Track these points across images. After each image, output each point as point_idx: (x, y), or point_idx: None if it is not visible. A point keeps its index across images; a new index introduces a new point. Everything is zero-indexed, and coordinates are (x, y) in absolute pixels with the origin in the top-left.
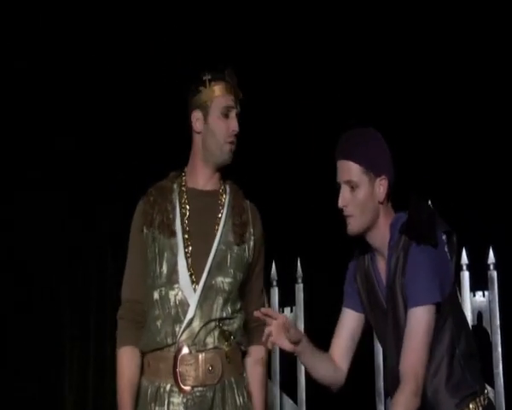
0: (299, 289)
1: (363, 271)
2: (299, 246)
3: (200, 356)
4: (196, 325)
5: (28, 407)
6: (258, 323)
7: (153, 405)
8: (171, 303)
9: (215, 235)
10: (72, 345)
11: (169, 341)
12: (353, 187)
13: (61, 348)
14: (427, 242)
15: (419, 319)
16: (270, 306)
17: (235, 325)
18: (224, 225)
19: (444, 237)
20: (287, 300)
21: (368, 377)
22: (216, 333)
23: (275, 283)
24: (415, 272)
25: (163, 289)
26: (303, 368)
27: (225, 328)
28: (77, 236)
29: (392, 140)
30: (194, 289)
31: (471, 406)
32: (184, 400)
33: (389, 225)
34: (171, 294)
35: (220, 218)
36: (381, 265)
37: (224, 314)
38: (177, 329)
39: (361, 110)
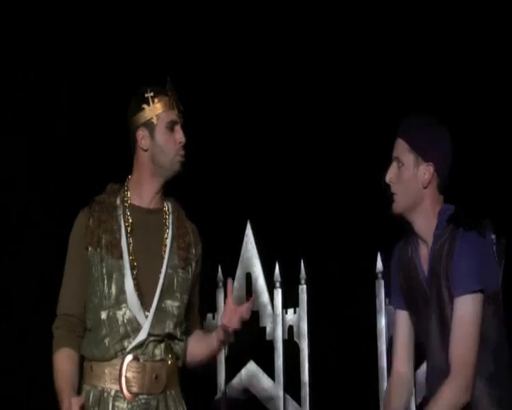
0: (303, 290)
1: (406, 260)
2: (303, 247)
3: (147, 365)
4: (147, 342)
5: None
6: (196, 328)
7: (96, 409)
8: (119, 322)
9: (162, 257)
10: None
11: (118, 354)
12: (400, 165)
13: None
14: (475, 229)
15: (466, 308)
16: (273, 307)
17: (180, 346)
18: (170, 248)
19: (493, 237)
20: (290, 301)
21: (371, 378)
22: (163, 346)
23: (278, 284)
24: (462, 260)
25: (111, 309)
26: (306, 369)
27: (171, 344)
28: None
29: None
30: (145, 313)
31: None
32: (129, 406)
33: (437, 213)
34: (119, 314)
35: (166, 239)
36: (424, 252)
37: (174, 335)
38: (125, 344)
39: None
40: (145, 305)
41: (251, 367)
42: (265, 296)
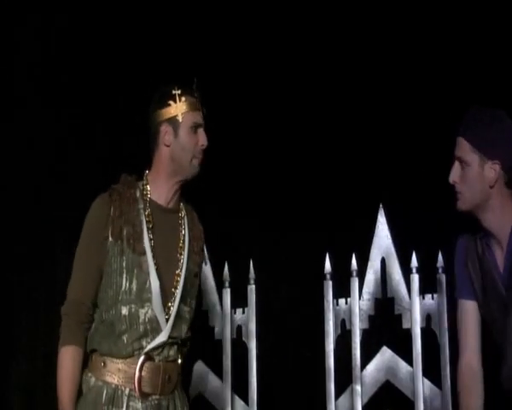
0: (252, 290)
1: (475, 257)
2: (252, 247)
3: (161, 366)
4: (164, 344)
5: None
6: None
7: (110, 406)
8: (140, 320)
9: (178, 259)
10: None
11: (135, 353)
12: (463, 165)
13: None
14: None
15: None
16: (222, 307)
17: (187, 346)
18: (187, 252)
19: None
20: (239, 301)
21: (319, 378)
22: (176, 347)
23: (227, 284)
24: None
25: (133, 306)
26: (254, 369)
27: (182, 345)
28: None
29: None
30: (165, 312)
31: None
32: (143, 405)
33: (509, 210)
34: (141, 312)
35: (184, 243)
36: (498, 251)
37: (186, 337)
38: (144, 343)
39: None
40: (168, 309)
41: (199, 367)
42: (214, 296)
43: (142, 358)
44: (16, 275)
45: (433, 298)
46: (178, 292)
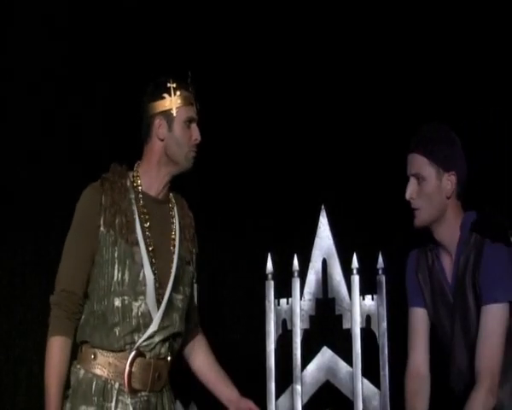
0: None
1: (425, 267)
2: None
3: (152, 362)
4: (156, 338)
5: None
6: (194, 323)
7: (100, 399)
8: (133, 314)
9: (173, 250)
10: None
11: (127, 347)
12: (420, 180)
13: None
14: (502, 240)
15: (495, 317)
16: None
17: (179, 342)
18: (179, 240)
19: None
20: None
21: (259, 377)
22: (167, 345)
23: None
24: (491, 269)
25: (126, 298)
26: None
27: (173, 343)
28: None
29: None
30: (158, 305)
31: None
32: (133, 401)
33: (460, 223)
34: (135, 305)
35: (175, 232)
36: (447, 262)
37: (178, 330)
38: (135, 338)
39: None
40: (160, 298)
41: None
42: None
43: (133, 353)
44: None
45: (373, 299)
46: (170, 281)
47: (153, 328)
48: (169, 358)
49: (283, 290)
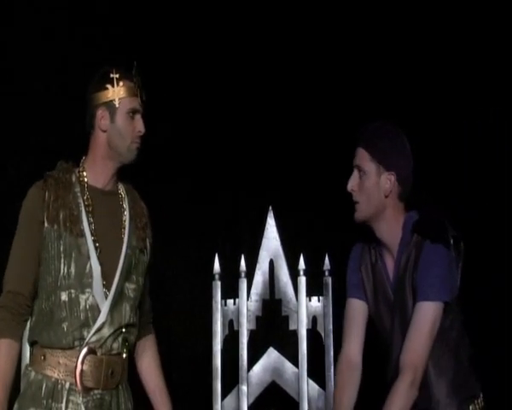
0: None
1: (369, 263)
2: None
3: (104, 359)
4: (106, 330)
5: None
6: (147, 317)
7: (49, 400)
8: (81, 307)
9: (121, 239)
10: None
11: (76, 343)
12: (362, 174)
13: None
14: (442, 241)
15: (426, 314)
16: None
17: (134, 334)
18: (129, 229)
19: (451, 242)
20: None
21: (205, 377)
22: (120, 340)
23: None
24: (428, 269)
25: (72, 291)
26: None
27: (127, 336)
28: None
29: None
30: (106, 295)
31: (471, 407)
32: (84, 400)
33: (401, 223)
34: (82, 298)
35: (125, 221)
36: (389, 260)
37: (131, 321)
38: (85, 333)
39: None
40: (106, 289)
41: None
42: None
43: (83, 351)
44: None
45: (319, 300)
46: (118, 270)
47: (101, 320)
48: (124, 355)
49: (230, 291)
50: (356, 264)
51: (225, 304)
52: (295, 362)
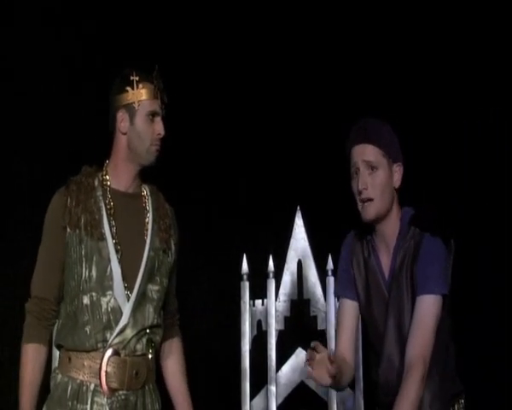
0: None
1: (361, 258)
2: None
3: (128, 360)
4: (129, 332)
5: None
6: (173, 319)
7: (75, 402)
8: (103, 310)
9: (144, 241)
10: None
11: (99, 345)
12: (372, 169)
13: None
14: (440, 234)
15: (429, 307)
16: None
17: (159, 335)
18: (151, 230)
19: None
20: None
21: (234, 378)
22: (144, 340)
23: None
24: (429, 262)
25: (94, 294)
26: None
27: (152, 337)
28: None
29: None
30: (128, 297)
31: (456, 407)
32: (109, 401)
33: (399, 218)
34: (104, 300)
35: (148, 223)
36: (384, 255)
37: (155, 322)
38: (107, 335)
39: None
40: (128, 291)
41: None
42: None
43: (107, 352)
44: None
45: None
46: (140, 272)
47: (123, 322)
48: (150, 356)
49: (258, 291)
50: (347, 259)
51: (254, 304)
52: None
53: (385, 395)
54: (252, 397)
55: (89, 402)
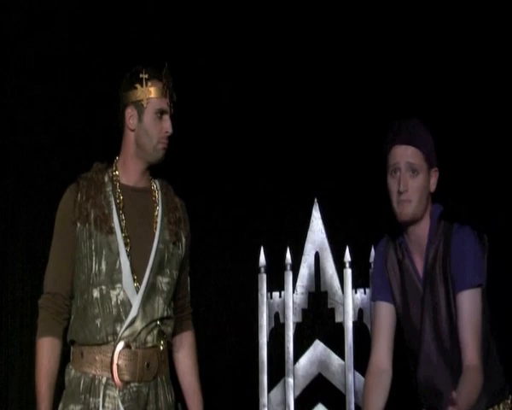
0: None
1: (395, 262)
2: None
3: (139, 352)
4: (138, 324)
5: None
6: (185, 313)
7: (87, 396)
8: (113, 303)
9: (154, 234)
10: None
11: (109, 339)
12: (414, 172)
13: None
14: (469, 223)
15: (474, 301)
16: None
17: (170, 326)
18: (161, 223)
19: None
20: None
21: (251, 370)
22: (155, 332)
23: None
24: (462, 255)
25: (103, 287)
26: None
27: (163, 328)
28: None
29: None
30: (137, 289)
31: (501, 406)
32: (121, 393)
33: (430, 217)
34: (113, 293)
35: (157, 216)
36: (417, 255)
37: (165, 314)
38: (117, 328)
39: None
40: (137, 283)
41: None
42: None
43: (118, 346)
44: None
45: (365, 292)
46: (149, 265)
47: (132, 314)
48: (161, 347)
49: (276, 284)
50: (381, 264)
51: (271, 297)
52: (341, 355)
53: (427, 396)
54: (269, 389)
55: (101, 395)
